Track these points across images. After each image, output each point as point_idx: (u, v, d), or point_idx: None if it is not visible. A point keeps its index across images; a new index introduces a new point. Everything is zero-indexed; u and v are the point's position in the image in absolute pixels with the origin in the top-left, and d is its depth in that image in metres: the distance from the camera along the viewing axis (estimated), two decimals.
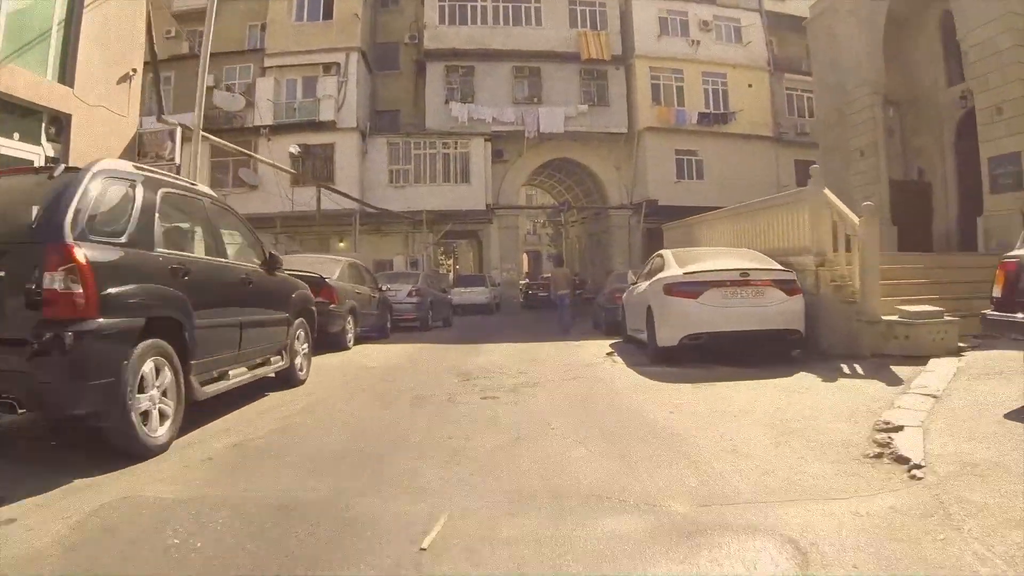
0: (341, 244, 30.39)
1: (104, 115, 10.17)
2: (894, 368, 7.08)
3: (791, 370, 7.60)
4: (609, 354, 10.11)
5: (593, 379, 7.80)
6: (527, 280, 35.18)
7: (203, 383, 5.00)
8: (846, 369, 7.45)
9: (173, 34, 31.78)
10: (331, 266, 11.23)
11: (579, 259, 38.70)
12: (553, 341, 12.65)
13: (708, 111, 30.14)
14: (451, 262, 54.65)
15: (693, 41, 30.55)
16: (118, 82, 10.49)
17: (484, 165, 28.67)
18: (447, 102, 29.10)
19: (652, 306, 8.73)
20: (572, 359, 9.60)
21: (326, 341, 10.19)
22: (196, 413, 5.10)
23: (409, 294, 15.00)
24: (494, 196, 29.52)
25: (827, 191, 9.76)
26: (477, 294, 25.01)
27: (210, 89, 30.16)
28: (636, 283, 10.72)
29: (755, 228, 11.79)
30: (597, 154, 30.58)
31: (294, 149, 20.43)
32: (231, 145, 17.43)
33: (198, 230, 5.47)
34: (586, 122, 29.05)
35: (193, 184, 5.85)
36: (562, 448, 4.55)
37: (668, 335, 8.33)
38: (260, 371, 6.09)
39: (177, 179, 5.76)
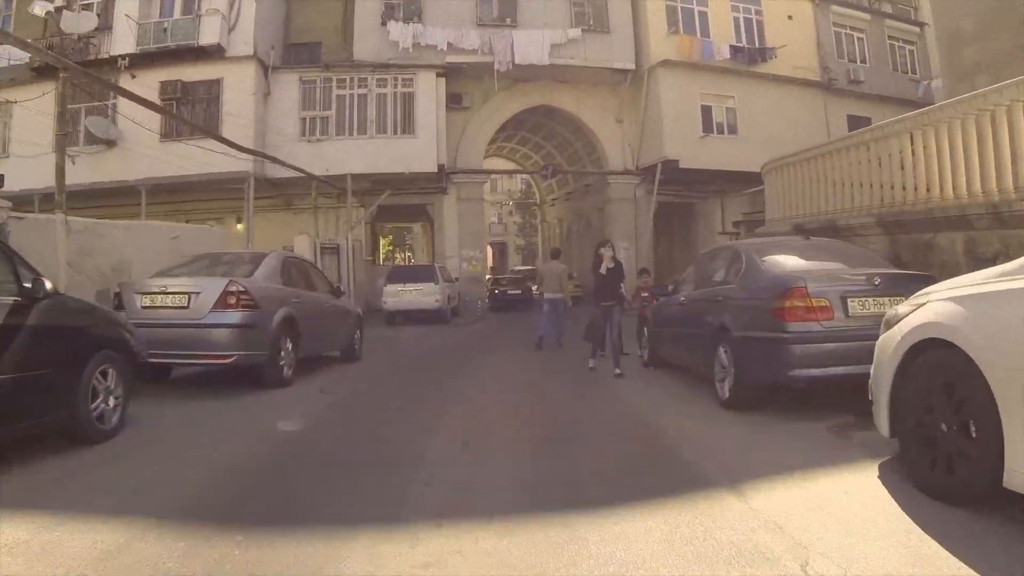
0: (239, 226, 20.98)
1: None
2: None
3: None
4: None
5: None
6: (491, 276, 26.33)
7: None
8: None
9: None
10: None
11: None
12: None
13: (742, 45, 21.47)
14: (405, 255, 44.84)
15: None
16: None
17: (436, 111, 19.51)
18: (384, 23, 19.82)
19: None
20: None
21: None
22: None
23: (222, 304, 5.69)
24: (450, 156, 20.42)
25: None
26: (422, 295, 15.71)
27: (58, 10, 20.66)
28: None
29: None
30: (592, 101, 21.67)
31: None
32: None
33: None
34: (579, 53, 20.04)
35: None
36: None
37: None
38: None
39: None
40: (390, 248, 40.62)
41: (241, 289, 5.80)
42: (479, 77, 20.06)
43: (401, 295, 15.68)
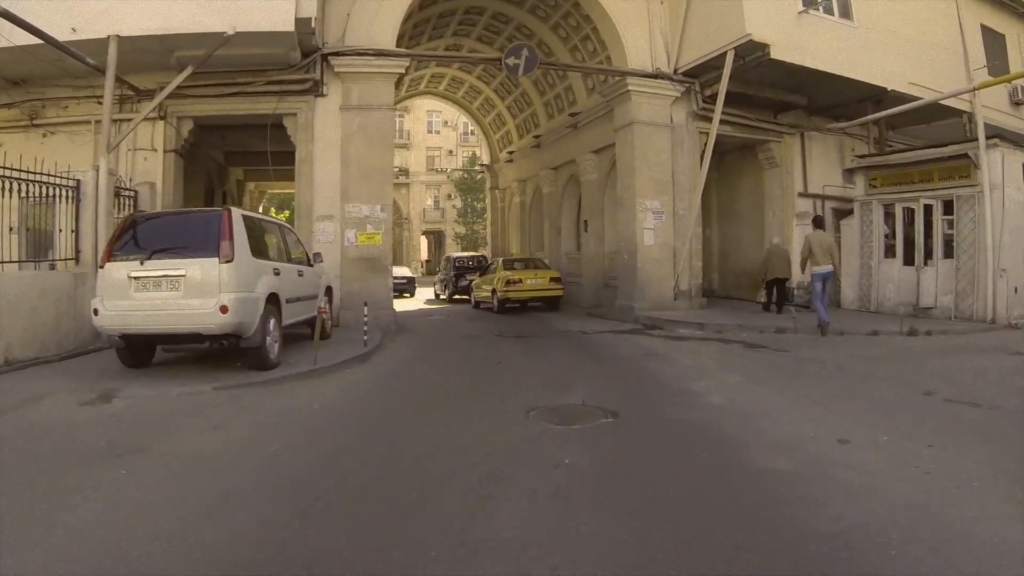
0: None
1: None
2: None
3: None
4: None
5: None
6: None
7: None
8: None
9: None
10: None
11: (520, 228, 19.70)
12: None
13: None
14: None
15: None
16: None
17: None
18: None
19: None
20: None
21: None
22: None
23: None
24: (334, 27, 10.23)
25: None
26: (182, 294, 5.18)
27: None
28: None
29: None
30: None
31: None
32: None
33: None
34: None
35: None
36: None
37: None
38: None
39: None
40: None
41: None
42: None
43: (132, 293, 5.33)
